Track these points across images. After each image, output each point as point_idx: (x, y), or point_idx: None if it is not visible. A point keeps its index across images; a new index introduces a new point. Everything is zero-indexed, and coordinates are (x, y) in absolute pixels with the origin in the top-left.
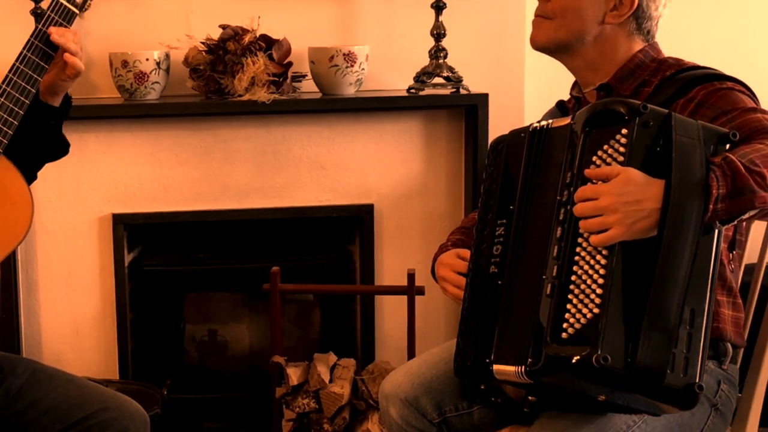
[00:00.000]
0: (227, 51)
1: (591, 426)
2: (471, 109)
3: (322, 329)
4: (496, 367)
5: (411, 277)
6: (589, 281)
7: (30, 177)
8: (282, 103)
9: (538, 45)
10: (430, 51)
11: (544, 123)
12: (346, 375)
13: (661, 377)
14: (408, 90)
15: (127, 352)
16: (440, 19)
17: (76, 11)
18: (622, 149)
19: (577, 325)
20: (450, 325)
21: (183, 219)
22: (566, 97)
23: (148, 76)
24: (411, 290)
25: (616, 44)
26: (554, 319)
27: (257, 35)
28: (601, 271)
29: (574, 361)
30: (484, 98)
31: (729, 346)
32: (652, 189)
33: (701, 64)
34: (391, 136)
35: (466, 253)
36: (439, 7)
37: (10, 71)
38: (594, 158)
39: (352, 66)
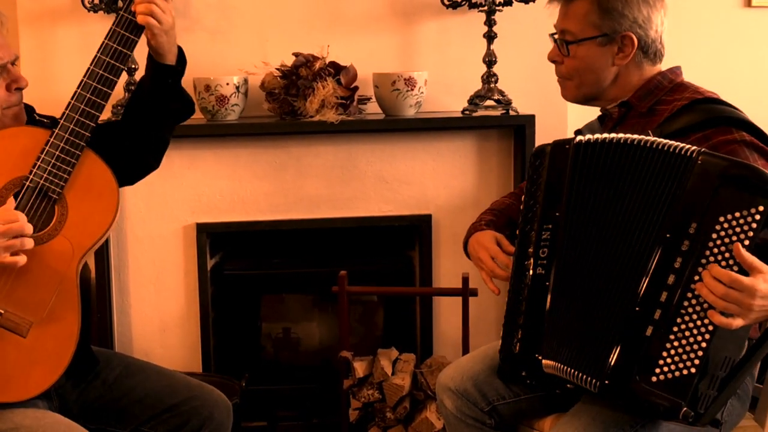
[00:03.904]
0: (300, 76)
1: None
2: (519, 129)
3: (385, 327)
4: (545, 361)
5: (465, 280)
6: (691, 339)
7: (163, 142)
8: (349, 123)
9: (569, 100)
10: (482, 76)
11: (596, 137)
12: (407, 368)
13: (715, 423)
14: (462, 112)
15: (209, 348)
16: (492, 48)
17: None
18: (754, 225)
19: (669, 375)
20: (500, 323)
21: (260, 228)
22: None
23: (228, 99)
24: (465, 292)
25: (631, 77)
26: (646, 360)
27: (327, 62)
28: (707, 336)
29: (661, 407)
30: (531, 119)
31: None
32: None
33: (717, 93)
34: (447, 153)
35: (503, 238)
36: (490, 37)
37: (90, 64)
38: (721, 219)
39: (412, 90)
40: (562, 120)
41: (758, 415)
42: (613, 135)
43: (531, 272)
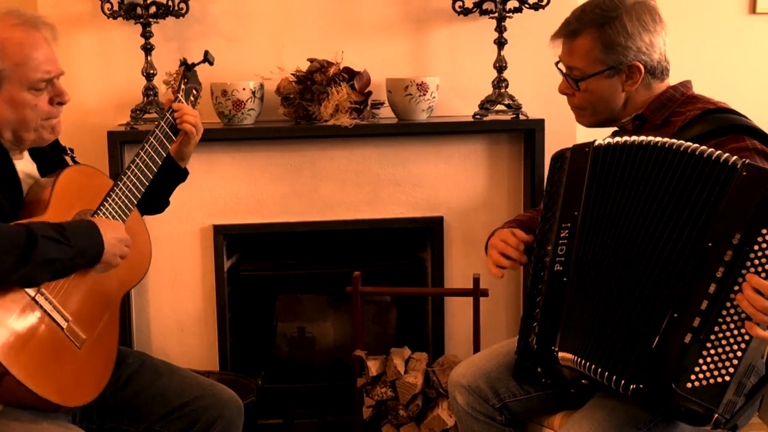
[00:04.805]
0: (314, 81)
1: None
2: (529, 133)
3: (398, 326)
4: (562, 354)
5: (476, 281)
6: (728, 348)
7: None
8: (363, 127)
9: (586, 126)
10: (493, 82)
11: (616, 140)
12: (419, 367)
13: (734, 428)
14: (473, 116)
15: (225, 347)
16: (502, 54)
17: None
18: None
19: (704, 382)
20: (510, 323)
21: (275, 229)
22: None
23: (244, 104)
24: (476, 292)
25: (640, 96)
26: (683, 366)
27: (341, 68)
28: (743, 345)
29: (695, 414)
30: (540, 123)
31: None
32: None
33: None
34: (459, 156)
35: (520, 232)
36: (501, 44)
37: (144, 143)
38: (763, 231)
39: (424, 95)
40: (571, 124)
41: (763, 414)
42: (634, 138)
43: (549, 269)
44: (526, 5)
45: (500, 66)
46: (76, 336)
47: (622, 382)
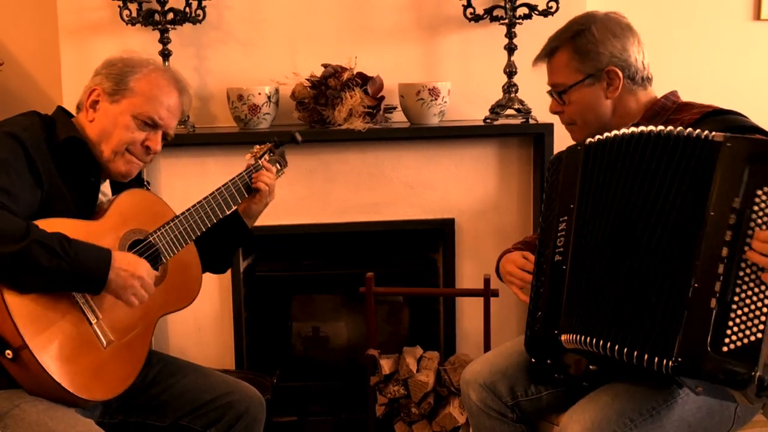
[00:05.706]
0: (328, 86)
1: (642, 394)
2: (538, 137)
3: (410, 326)
4: (564, 336)
5: (487, 281)
6: (752, 306)
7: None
8: (376, 131)
9: (581, 141)
10: (503, 86)
11: (605, 135)
12: (431, 365)
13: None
14: (484, 120)
15: (242, 346)
16: (512, 59)
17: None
18: None
19: (738, 343)
20: (520, 322)
21: (291, 231)
22: None
23: (260, 108)
24: (487, 293)
25: (627, 104)
26: (715, 332)
27: (354, 73)
28: (766, 301)
29: (738, 376)
30: (550, 127)
31: None
32: None
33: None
34: (470, 159)
35: (529, 254)
36: (511, 49)
37: (216, 190)
38: (759, 192)
39: (436, 99)
40: None
41: (767, 410)
42: (623, 130)
43: (550, 261)
44: (536, 12)
45: (510, 71)
46: (104, 334)
47: (655, 359)
